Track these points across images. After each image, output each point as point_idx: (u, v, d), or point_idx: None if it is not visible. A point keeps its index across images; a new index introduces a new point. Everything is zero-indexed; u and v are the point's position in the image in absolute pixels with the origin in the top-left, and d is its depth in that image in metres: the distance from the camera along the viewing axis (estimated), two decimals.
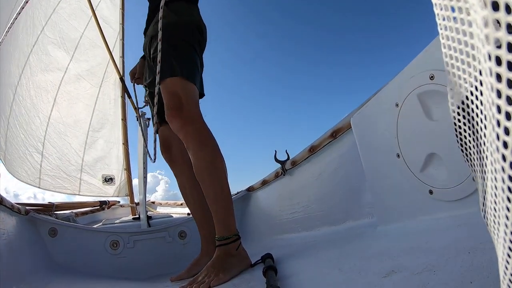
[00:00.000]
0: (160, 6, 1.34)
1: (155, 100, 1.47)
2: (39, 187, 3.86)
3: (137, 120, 2.54)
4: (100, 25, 3.70)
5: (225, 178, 1.35)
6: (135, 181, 4.15)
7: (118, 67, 4.22)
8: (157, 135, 1.71)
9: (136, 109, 2.40)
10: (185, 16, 1.47)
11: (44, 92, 3.91)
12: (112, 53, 4.12)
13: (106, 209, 4.06)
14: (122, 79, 4.04)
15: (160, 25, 1.33)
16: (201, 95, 1.52)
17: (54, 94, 3.99)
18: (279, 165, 1.91)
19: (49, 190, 3.91)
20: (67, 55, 4.05)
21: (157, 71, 1.35)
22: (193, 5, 1.56)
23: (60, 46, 3.97)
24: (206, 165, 1.32)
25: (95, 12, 3.86)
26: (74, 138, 4.18)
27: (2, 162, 3.53)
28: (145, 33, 1.62)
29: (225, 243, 1.26)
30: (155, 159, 1.76)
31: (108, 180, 4.35)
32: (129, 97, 3.68)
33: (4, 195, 1.43)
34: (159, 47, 1.33)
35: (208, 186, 1.32)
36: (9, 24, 1.84)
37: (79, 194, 4.15)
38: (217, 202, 1.31)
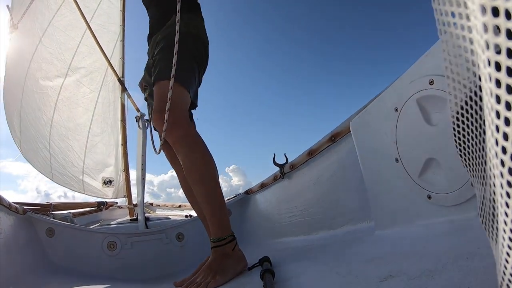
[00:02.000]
0: (178, 10, 1.37)
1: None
2: (52, 180, 4.03)
3: (137, 121, 2.54)
4: (98, 31, 3.83)
5: (215, 179, 1.35)
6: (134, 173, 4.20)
7: (119, 68, 4.27)
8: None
9: (138, 108, 2.41)
10: (193, 29, 1.50)
11: (46, 97, 4.04)
12: (112, 56, 4.21)
13: (104, 210, 4.06)
14: (120, 80, 4.06)
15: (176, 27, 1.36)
16: (194, 105, 1.54)
17: (55, 99, 4.10)
18: (277, 169, 1.91)
19: (60, 184, 4.09)
20: (65, 63, 4.15)
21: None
22: (200, 19, 1.59)
23: (57, 55, 4.08)
24: (196, 168, 1.32)
25: (93, 19, 4.05)
26: (75, 141, 4.27)
27: (18, 148, 3.78)
28: (149, 39, 1.64)
29: (220, 244, 1.26)
30: (159, 151, 1.73)
31: (108, 182, 4.39)
32: (129, 96, 3.70)
33: (35, 195, 1.43)
34: (175, 49, 1.35)
35: (199, 188, 1.33)
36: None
37: (84, 193, 4.23)
38: (210, 204, 1.31)
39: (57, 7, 3.94)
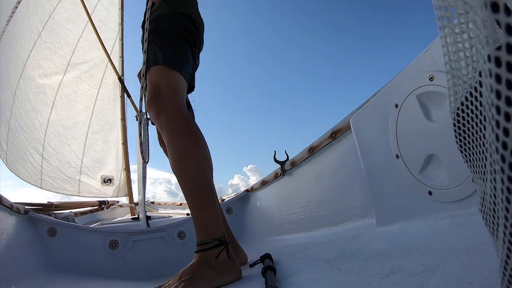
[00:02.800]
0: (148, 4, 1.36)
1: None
2: (41, 187, 3.96)
3: (137, 119, 2.54)
4: (98, 27, 3.80)
5: (200, 171, 1.19)
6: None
7: (117, 67, 4.26)
8: (147, 132, 1.68)
9: (137, 108, 2.40)
10: (179, 8, 1.41)
11: (43, 96, 4.00)
12: (111, 54, 4.18)
13: (105, 209, 4.06)
14: (120, 79, 4.06)
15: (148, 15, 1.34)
16: (192, 87, 1.43)
17: (53, 97, 4.07)
18: (278, 166, 1.91)
19: (50, 190, 4.02)
20: (64, 59, 4.11)
21: (143, 62, 1.35)
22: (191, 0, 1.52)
23: (57, 51, 4.04)
24: (178, 156, 1.19)
25: (92, 14, 3.99)
26: (73, 140, 4.24)
27: (4, 162, 3.66)
28: (142, 27, 1.62)
29: (202, 248, 1.11)
30: (147, 160, 1.71)
31: (107, 181, 4.38)
32: (129, 96, 3.70)
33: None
34: (145, 36, 1.33)
35: (181, 180, 1.19)
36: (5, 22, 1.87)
37: (78, 195, 4.20)
38: (192, 199, 1.17)
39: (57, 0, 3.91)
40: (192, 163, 1.19)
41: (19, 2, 3.39)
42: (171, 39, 1.35)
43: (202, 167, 1.20)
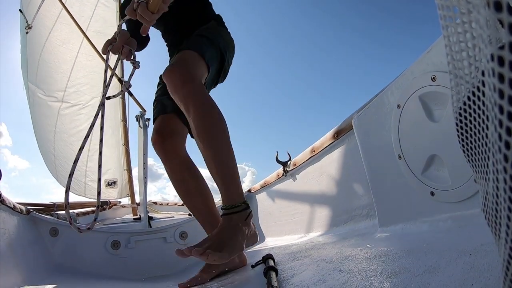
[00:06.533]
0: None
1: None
2: (57, 181, 4.25)
3: (137, 120, 2.55)
4: (95, 37, 4.12)
5: (229, 139, 1.21)
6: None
7: (118, 68, 4.34)
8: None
9: (141, 106, 2.41)
10: (229, 36, 1.52)
11: (49, 103, 4.25)
12: (110, 57, 4.33)
13: (107, 209, 4.07)
14: (120, 80, 4.11)
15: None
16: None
17: (58, 107, 4.29)
18: (280, 166, 1.91)
19: (64, 187, 4.18)
20: (64, 76, 4.33)
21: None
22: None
23: (57, 69, 4.27)
24: (211, 124, 1.19)
25: (89, 25, 4.28)
26: (78, 147, 4.35)
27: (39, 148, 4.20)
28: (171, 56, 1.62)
29: (231, 212, 1.11)
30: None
31: (111, 184, 4.44)
32: (130, 94, 3.74)
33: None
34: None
35: (212, 147, 1.18)
36: None
37: (85, 196, 4.30)
38: (223, 165, 1.17)
39: (52, 23, 4.16)
40: (225, 131, 1.21)
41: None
42: (214, 49, 1.39)
43: (229, 135, 1.22)
